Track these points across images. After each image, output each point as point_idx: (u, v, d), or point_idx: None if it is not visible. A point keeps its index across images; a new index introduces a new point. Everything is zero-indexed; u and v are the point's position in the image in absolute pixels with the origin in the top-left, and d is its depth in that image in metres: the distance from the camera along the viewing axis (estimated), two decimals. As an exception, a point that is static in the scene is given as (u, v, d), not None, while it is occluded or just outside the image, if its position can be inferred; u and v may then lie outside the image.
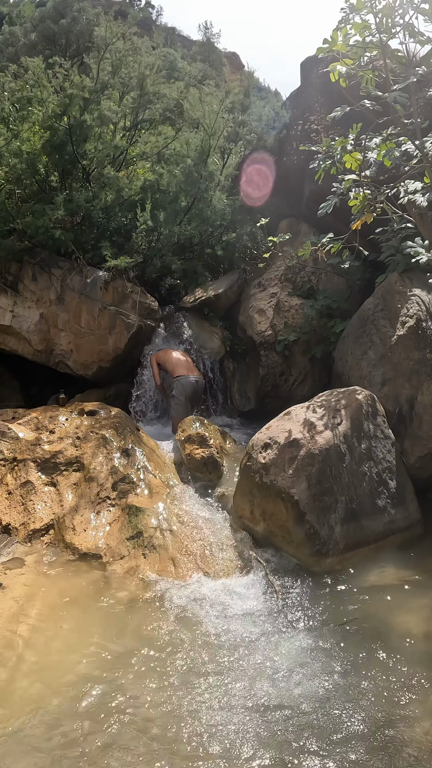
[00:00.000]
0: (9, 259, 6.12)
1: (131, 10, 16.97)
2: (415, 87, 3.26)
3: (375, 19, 3.06)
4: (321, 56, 3.23)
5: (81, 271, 6.19)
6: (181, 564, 3.63)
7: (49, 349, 6.20)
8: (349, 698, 2.56)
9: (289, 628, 3.09)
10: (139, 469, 4.34)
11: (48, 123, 6.23)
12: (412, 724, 2.43)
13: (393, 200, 3.96)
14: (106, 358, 6.11)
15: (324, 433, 3.87)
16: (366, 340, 4.92)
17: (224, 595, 3.38)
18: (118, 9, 21.29)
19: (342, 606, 3.27)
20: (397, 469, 4.13)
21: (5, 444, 4.46)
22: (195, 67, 16.45)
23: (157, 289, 6.67)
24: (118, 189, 6.45)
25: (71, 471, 4.33)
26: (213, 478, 4.47)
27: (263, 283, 6.60)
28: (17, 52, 13.39)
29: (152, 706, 2.52)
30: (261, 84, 27.51)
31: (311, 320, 5.99)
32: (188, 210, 6.73)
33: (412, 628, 3.06)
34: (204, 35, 42.51)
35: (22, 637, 2.96)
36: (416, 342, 4.47)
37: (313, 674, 2.71)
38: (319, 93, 6.48)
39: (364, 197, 3.63)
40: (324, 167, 3.92)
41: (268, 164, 7.12)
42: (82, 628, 3.07)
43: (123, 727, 2.40)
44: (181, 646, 2.92)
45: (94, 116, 6.37)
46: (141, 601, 3.29)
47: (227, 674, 2.72)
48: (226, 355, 6.55)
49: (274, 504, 3.78)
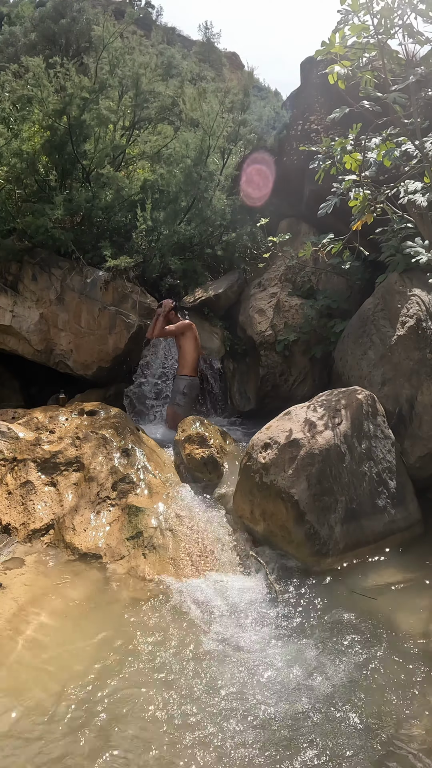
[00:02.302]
0: (9, 259, 6.13)
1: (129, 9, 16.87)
2: (414, 87, 3.27)
3: (373, 20, 3.06)
4: (320, 58, 3.23)
5: (81, 271, 6.20)
6: (181, 564, 3.63)
7: (49, 349, 6.21)
8: (348, 698, 2.57)
9: (289, 628, 3.09)
10: (139, 469, 4.34)
11: (48, 123, 6.24)
12: (412, 723, 2.44)
13: (393, 200, 3.96)
14: (106, 358, 6.12)
15: (324, 433, 3.88)
16: (366, 340, 4.93)
17: (224, 594, 3.38)
18: (116, 8, 21.28)
19: (342, 606, 3.27)
20: (397, 469, 4.13)
21: (5, 444, 4.47)
22: (192, 63, 16.44)
23: (157, 289, 6.67)
24: (118, 189, 6.46)
25: (71, 471, 4.33)
26: (213, 478, 4.47)
27: (263, 283, 6.60)
28: (17, 52, 13.39)
29: (152, 705, 2.52)
30: (261, 84, 27.46)
31: (311, 320, 5.99)
32: (188, 210, 6.73)
33: (412, 628, 3.07)
34: (204, 35, 42.53)
35: (22, 637, 2.96)
36: (416, 342, 4.47)
37: (312, 674, 2.72)
38: (319, 93, 6.48)
39: (364, 197, 3.63)
40: (324, 167, 3.92)
41: (268, 164, 7.12)
42: (82, 628, 3.07)
43: (123, 727, 2.40)
44: (181, 645, 2.93)
45: (93, 116, 6.37)
46: (141, 601, 3.30)
47: (227, 673, 2.72)
48: (226, 355, 6.55)
49: (274, 504, 3.78)
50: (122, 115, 7.07)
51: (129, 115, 7.18)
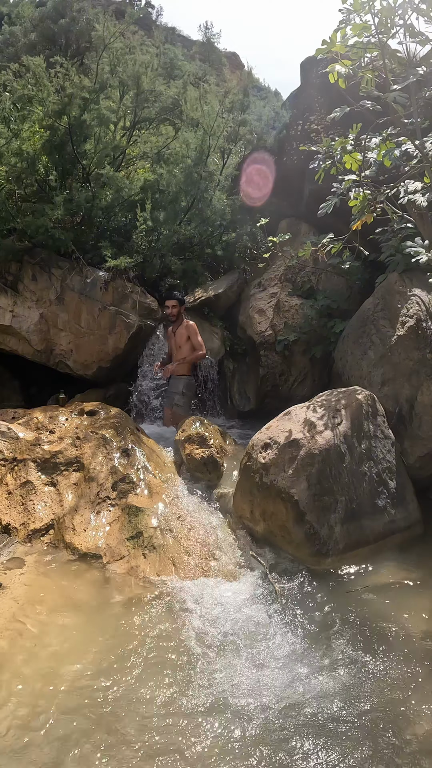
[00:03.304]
0: (9, 259, 6.13)
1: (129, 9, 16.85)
2: (415, 87, 3.26)
3: (374, 19, 3.05)
4: (320, 57, 3.23)
5: (81, 271, 6.20)
6: (181, 564, 3.63)
7: (49, 349, 6.21)
8: (348, 698, 2.57)
9: (289, 628, 3.09)
10: (139, 469, 4.34)
11: (48, 122, 6.24)
12: (412, 723, 2.43)
13: (393, 200, 3.96)
14: (106, 358, 6.12)
15: (324, 433, 3.87)
16: (366, 340, 4.92)
17: (224, 594, 3.38)
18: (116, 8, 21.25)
19: (342, 606, 3.27)
20: (397, 469, 4.13)
21: (5, 444, 4.46)
22: (194, 65, 16.43)
23: (157, 289, 6.67)
24: (118, 189, 6.46)
25: (71, 471, 4.33)
26: (213, 478, 4.47)
27: (263, 283, 6.60)
28: (17, 52, 13.37)
29: (152, 704, 2.52)
30: (261, 84, 27.46)
31: (311, 320, 5.99)
32: (188, 210, 6.73)
33: (412, 628, 3.06)
34: (204, 35, 42.55)
35: (22, 637, 2.96)
36: (416, 342, 4.47)
37: (312, 673, 2.72)
38: (319, 93, 6.48)
39: (364, 197, 3.63)
40: (324, 167, 3.92)
41: (268, 164, 7.12)
42: (82, 628, 3.07)
43: (123, 726, 2.40)
44: (181, 645, 2.92)
45: (94, 115, 6.37)
46: (141, 601, 3.30)
47: (227, 673, 2.72)
48: (225, 355, 6.55)
49: (274, 504, 3.78)
50: (123, 116, 7.07)
51: (129, 116, 7.18)
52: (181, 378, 5.74)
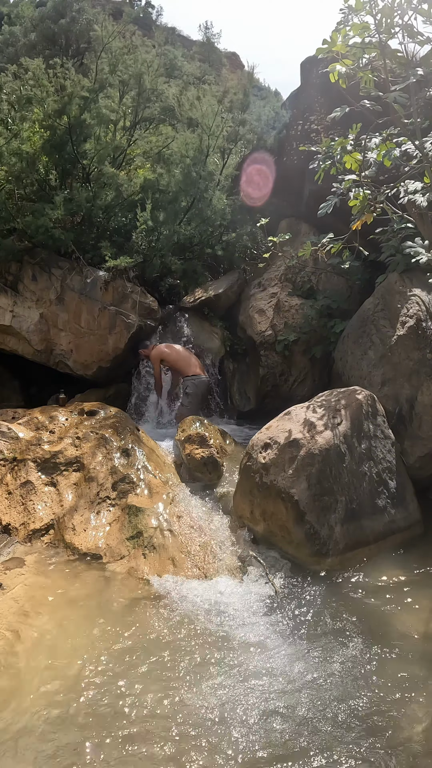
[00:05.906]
0: (9, 259, 6.13)
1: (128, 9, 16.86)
2: (414, 87, 3.26)
3: (374, 19, 3.05)
4: (320, 57, 3.23)
5: (81, 271, 6.20)
6: (181, 564, 3.63)
7: (49, 349, 6.21)
8: (348, 698, 2.57)
9: (289, 628, 3.09)
10: (139, 469, 4.34)
11: (48, 122, 6.24)
12: (411, 723, 2.43)
13: (393, 200, 3.96)
14: (106, 358, 6.12)
15: (324, 433, 3.88)
16: (366, 340, 4.93)
17: (224, 594, 3.38)
18: (116, 9, 21.28)
19: (342, 606, 3.27)
20: (397, 469, 4.13)
21: (5, 444, 4.47)
22: (194, 66, 16.43)
23: (157, 289, 6.67)
24: (118, 188, 6.46)
25: (71, 471, 4.33)
26: (213, 478, 4.47)
27: (263, 283, 6.60)
28: (17, 52, 13.38)
29: (152, 704, 2.52)
30: (261, 84, 27.43)
31: (311, 320, 5.99)
32: (188, 210, 6.73)
33: (411, 628, 3.07)
34: (204, 35, 42.44)
35: (22, 637, 2.96)
36: (416, 342, 4.47)
37: (311, 673, 2.72)
38: (319, 93, 6.48)
39: (364, 197, 3.63)
40: (324, 167, 3.92)
41: (268, 164, 7.12)
42: (83, 628, 3.07)
43: (123, 725, 2.40)
44: (181, 645, 2.93)
45: (94, 115, 6.37)
46: (141, 601, 3.30)
47: (226, 673, 2.72)
48: (225, 355, 6.55)
49: (274, 504, 3.78)
50: (123, 115, 7.07)
51: (130, 116, 7.18)
52: (186, 378, 5.76)
